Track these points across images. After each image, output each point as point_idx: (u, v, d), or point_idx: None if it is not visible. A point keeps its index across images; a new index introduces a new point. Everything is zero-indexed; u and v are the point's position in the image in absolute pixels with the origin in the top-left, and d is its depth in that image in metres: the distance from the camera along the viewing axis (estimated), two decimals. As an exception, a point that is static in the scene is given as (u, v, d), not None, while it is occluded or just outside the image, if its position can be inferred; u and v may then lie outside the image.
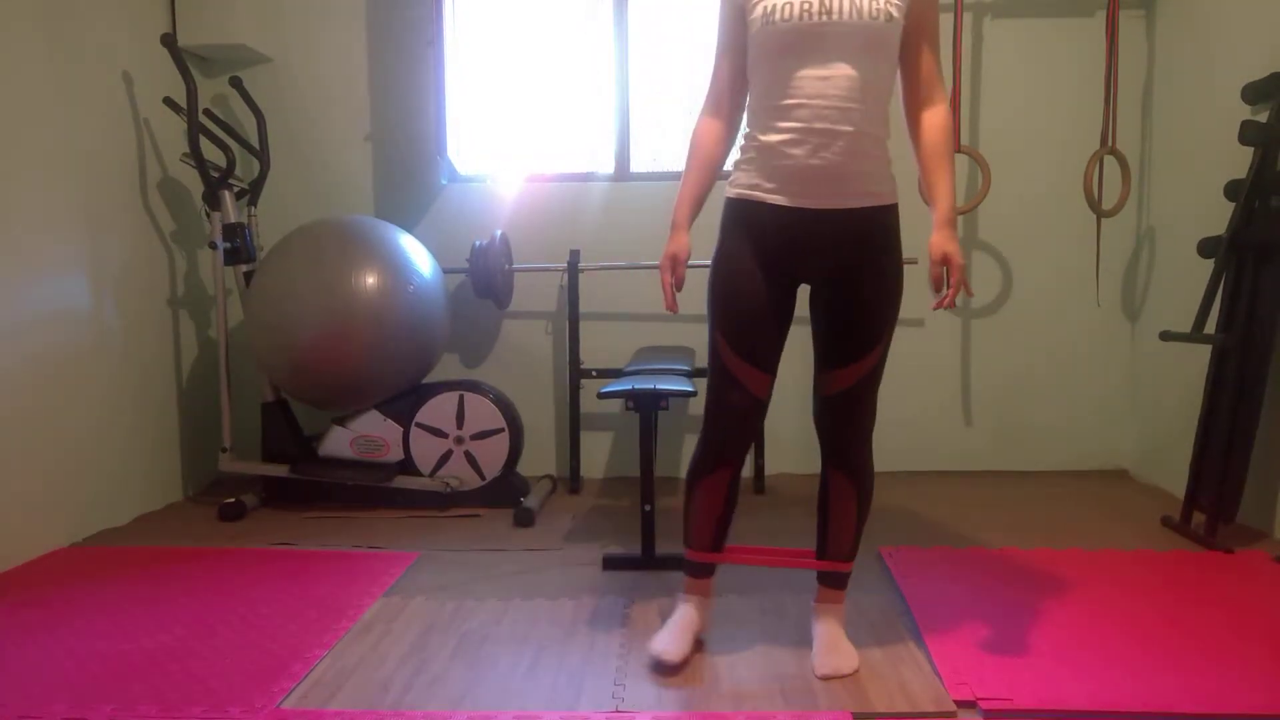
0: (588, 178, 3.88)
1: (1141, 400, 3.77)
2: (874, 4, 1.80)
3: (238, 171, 3.60)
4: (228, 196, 3.38)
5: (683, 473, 3.92)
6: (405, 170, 3.88)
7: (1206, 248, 3.03)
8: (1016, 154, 3.76)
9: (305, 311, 3.12)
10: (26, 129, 2.85)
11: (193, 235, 3.73)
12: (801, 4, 1.80)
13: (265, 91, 3.78)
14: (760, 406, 1.99)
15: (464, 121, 3.73)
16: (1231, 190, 2.98)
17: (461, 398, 3.35)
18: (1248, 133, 2.90)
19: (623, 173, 3.88)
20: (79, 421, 3.04)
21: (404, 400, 3.37)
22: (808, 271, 1.95)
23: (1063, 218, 3.79)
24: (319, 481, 3.38)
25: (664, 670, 1.99)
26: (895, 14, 1.84)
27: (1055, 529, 3.05)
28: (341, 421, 3.38)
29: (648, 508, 2.69)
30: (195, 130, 3.28)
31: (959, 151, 3.49)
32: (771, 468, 3.85)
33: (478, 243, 3.61)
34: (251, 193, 3.61)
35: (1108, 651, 2.07)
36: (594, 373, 3.66)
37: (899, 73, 1.95)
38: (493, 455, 3.37)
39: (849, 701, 1.86)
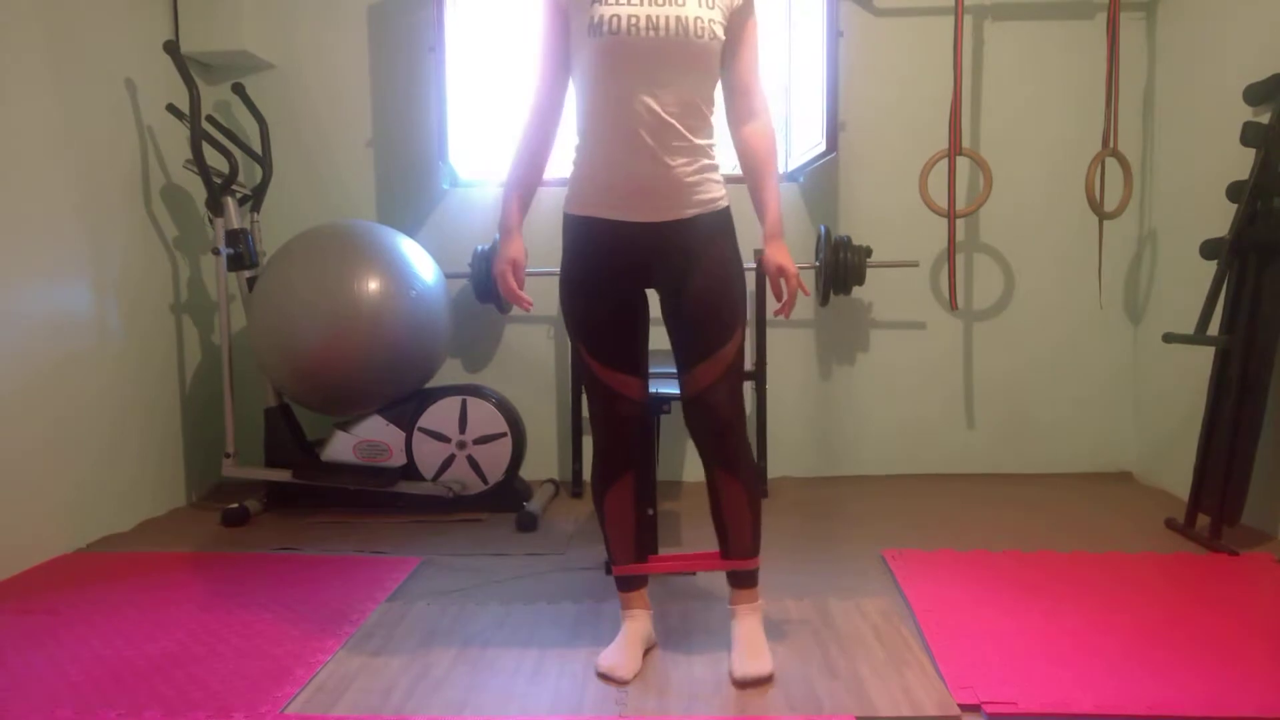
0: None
1: (1144, 402, 3.77)
2: (700, 23, 1.83)
3: (240, 177, 3.60)
4: (230, 202, 3.39)
5: (685, 476, 3.92)
6: (407, 175, 3.88)
7: (1209, 249, 3.02)
8: (1018, 156, 3.76)
9: (308, 317, 3.12)
10: (30, 135, 2.85)
11: (196, 241, 3.73)
12: (629, 19, 1.82)
13: (268, 98, 3.79)
14: (644, 409, 2.03)
15: (466, 126, 3.74)
16: (1233, 191, 2.98)
17: (464, 402, 3.35)
18: (1249, 134, 2.89)
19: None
20: (82, 427, 3.05)
21: (406, 405, 3.37)
22: (651, 279, 1.98)
23: (1064, 220, 3.79)
24: (322, 486, 3.38)
25: (616, 687, 1.96)
26: (719, 31, 1.87)
27: (1058, 531, 3.04)
28: (344, 426, 3.38)
29: (650, 511, 2.68)
30: (198, 136, 3.29)
31: (961, 154, 3.49)
32: (773, 471, 3.84)
33: (480, 247, 3.62)
34: (254, 199, 3.62)
35: (1112, 655, 2.07)
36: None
37: (721, 86, 1.98)
38: (495, 460, 3.37)
39: (852, 705, 1.85)
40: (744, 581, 2.09)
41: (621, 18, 1.82)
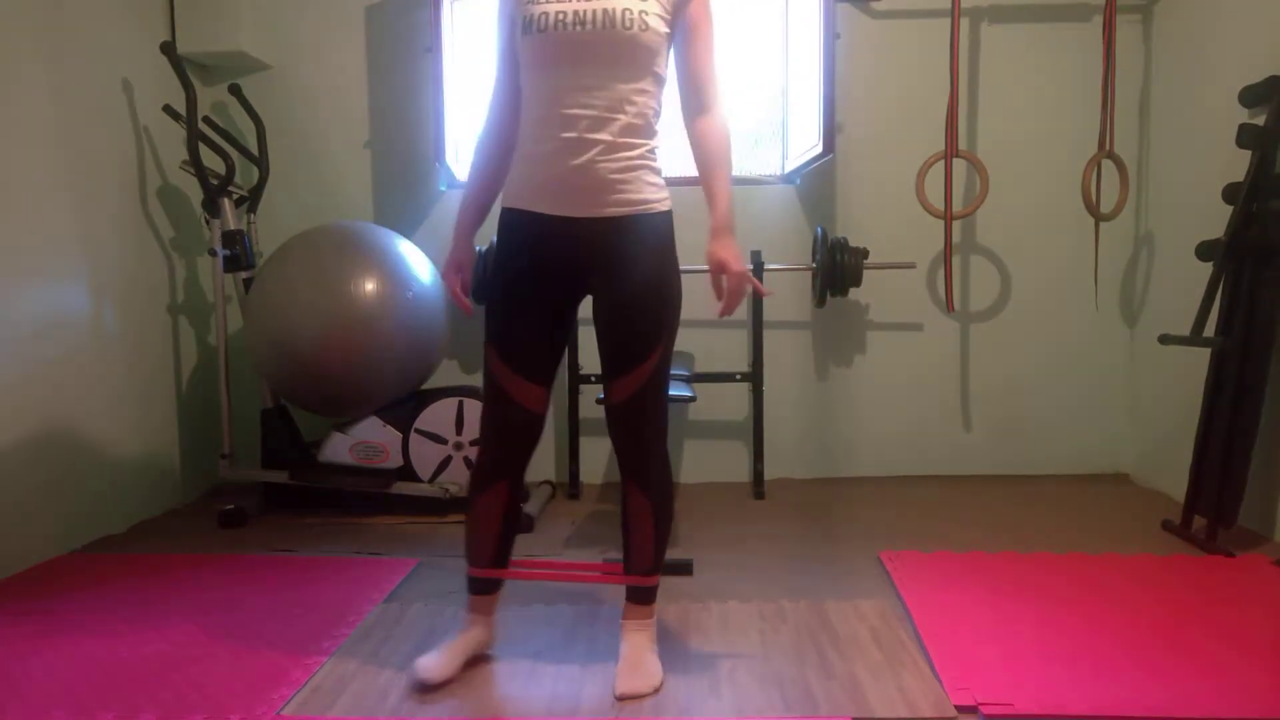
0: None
1: (1141, 404, 3.77)
2: (628, 14, 1.81)
3: (237, 179, 3.60)
4: (227, 203, 3.38)
5: (682, 478, 3.92)
6: (404, 177, 3.88)
7: (1205, 251, 3.03)
8: (1014, 159, 3.77)
9: (305, 318, 3.12)
10: (26, 136, 2.85)
11: (192, 242, 3.73)
12: (556, 15, 1.82)
13: (264, 99, 3.79)
14: (536, 420, 1.99)
15: (463, 128, 3.73)
16: (1229, 193, 2.99)
17: (461, 403, 3.35)
18: (1245, 136, 2.90)
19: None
20: (78, 428, 3.04)
21: (403, 406, 3.36)
22: (580, 280, 1.95)
23: (1061, 222, 3.80)
24: (318, 488, 3.38)
25: (422, 689, 1.93)
26: (653, 23, 1.84)
27: (1055, 533, 3.04)
28: (341, 428, 3.38)
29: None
30: (195, 138, 3.29)
31: (958, 156, 3.49)
32: (770, 473, 3.85)
33: (477, 249, 3.62)
34: (251, 200, 3.62)
35: (1109, 656, 2.07)
36: (593, 378, 3.66)
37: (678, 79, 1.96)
38: (492, 461, 3.36)
39: (849, 706, 1.85)
40: (640, 597, 2.06)
41: (550, 14, 1.82)
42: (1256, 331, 2.85)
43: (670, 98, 1.99)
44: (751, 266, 3.62)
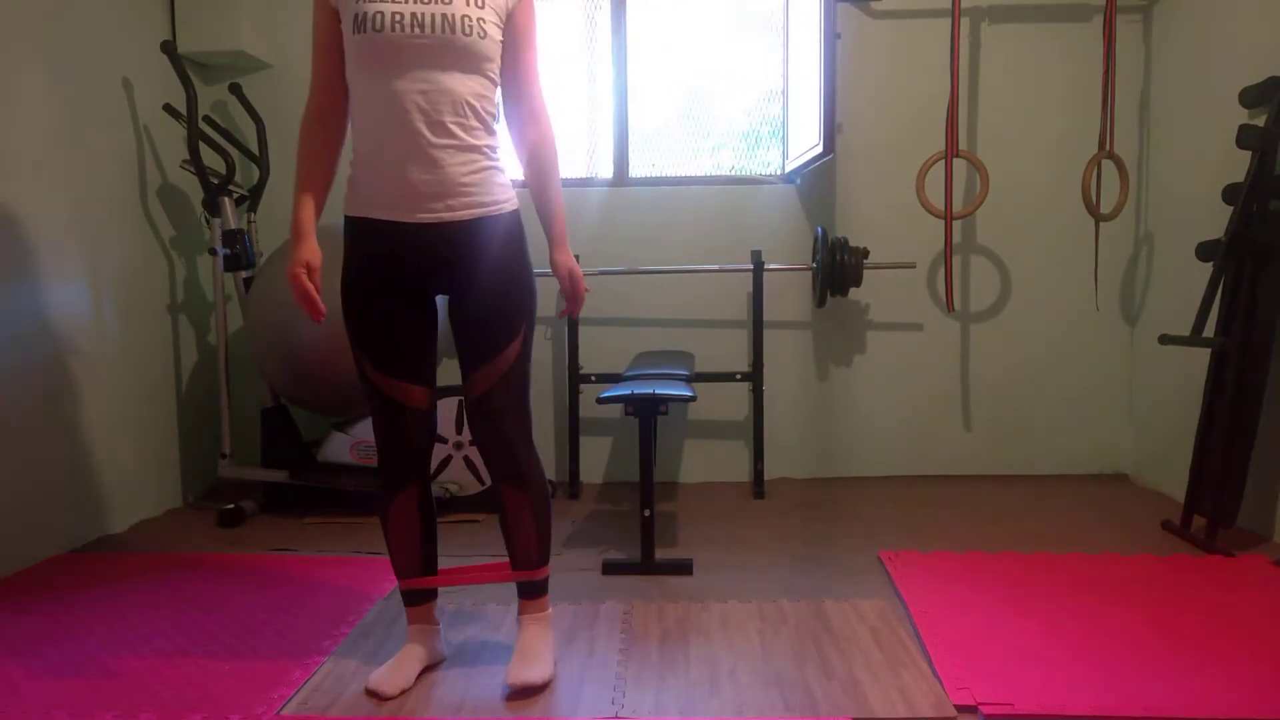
0: (586, 183, 3.89)
1: (1141, 404, 3.78)
2: (467, 20, 1.80)
3: (237, 178, 3.60)
4: (227, 203, 3.38)
5: (682, 478, 3.92)
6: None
7: (1205, 251, 3.03)
8: (1014, 159, 3.77)
9: (305, 317, 3.11)
10: (27, 135, 2.85)
11: (192, 241, 3.73)
12: (393, 15, 1.78)
13: (265, 98, 3.79)
14: (427, 417, 1.98)
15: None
16: (1230, 194, 2.99)
17: (461, 403, 3.35)
18: (1245, 136, 2.90)
19: (621, 178, 3.89)
20: (78, 427, 3.04)
21: (403, 406, 3.36)
22: (432, 281, 1.94)
23: (1061, 222, 3.80)
24: (318, 487, 3.38)
25: (378, 701, 1.92)
26: (490, 30, 1.84)
27: (1055, 533, 3.05)
28: (341, 427, 3.38)
29: (647, 513, 2.69)
30: (195, 137, 3.29)
31: (958, 156, 3.49)
32: (770, 472, 3.85)
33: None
34: (251, 199, 3.62)
35: (1109, 656, 2.07)
36: (593, 378, 3.66)
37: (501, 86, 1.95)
38: (492, 461, 3.36)
39: (849, 706, 1.85)
40: (531, 592, 2.06)
41: (385, 14, 1.78)
42: (1256, 331, 2.85)
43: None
44: (752, 266, 3.62)
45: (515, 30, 1.92)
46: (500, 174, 1.94)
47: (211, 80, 3.84)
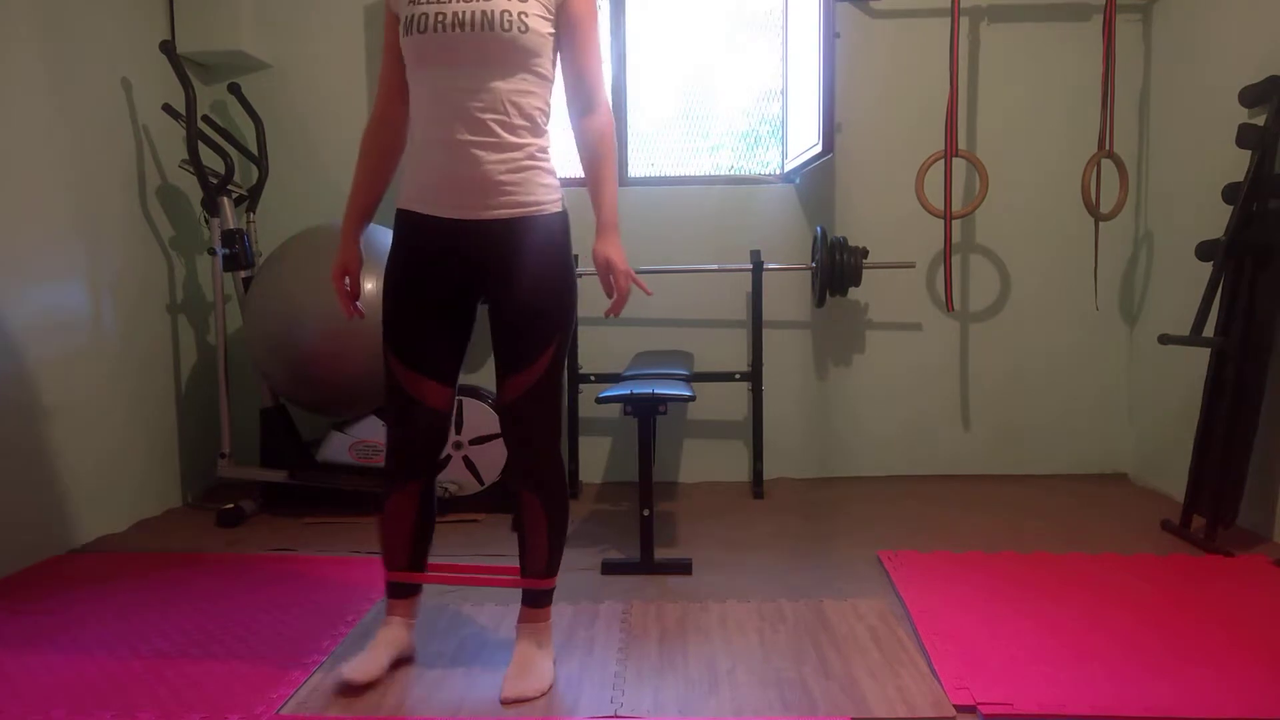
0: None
1: (1140, 403, 3.78)
2: (507, 15, 1.81)
3: (236, 178, 3.60)
4: (226, 203, 3.38)
5: (681, 478, 3.92)
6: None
7: (1204, 251, 3.03)
8: (1014, 158, 3.77)
9: (304, 317, 3.12)
10: (26, 135, 2.85)
11: (192, 241, 3.73)
12: (435, 16, 1.81)
13: (264, 98, 3.79)
14: (441, 417, 1.98)
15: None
16: (1229, 193, 2.99)
17: (460, 403, 3.35)
18: (1245, 136, 2.90)
19: (621, 178, 3.89)
20: (77, 427, 3.04)
21: (403, 406, 3.36)
22: (473, 280, 1.94)
23: (1060, 221, 3.80)
24: (317, 487, 3.38)
25: (348, 691, 1.92)
26: (534, 24, 1.83)
27: (1054, 533, 3.05)
28: (340, 427, 3.38)
29: (646, 512, 2.69)
30: (194, 137, 3.28)
31: (958, 155, 3.49)
32: (769, 472, 3.85)
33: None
34: (250, 199, 3.62)
35: (1108, 656, 2.07)
36: (592, 377, 3.66)
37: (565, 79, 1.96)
38: (491, 460, 3.36)
39: (848, 706, 1.85)
40: (534, 601, 2.04)
41: (429, 15, 1.82)
42: (1255, 331, 2.85)
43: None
44: (751, 266, 3.62)
45: (569, 21, 1.91)
46: (545, 174, 1.93)
47: (210, 80, 3.84)
